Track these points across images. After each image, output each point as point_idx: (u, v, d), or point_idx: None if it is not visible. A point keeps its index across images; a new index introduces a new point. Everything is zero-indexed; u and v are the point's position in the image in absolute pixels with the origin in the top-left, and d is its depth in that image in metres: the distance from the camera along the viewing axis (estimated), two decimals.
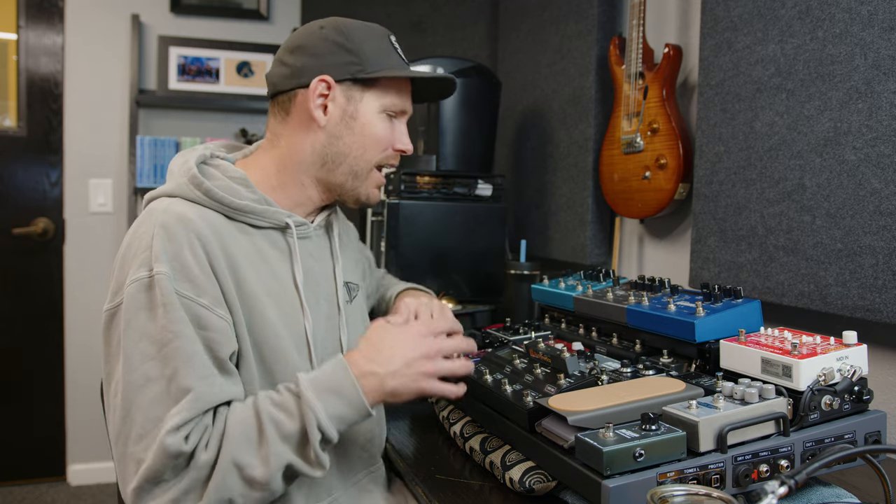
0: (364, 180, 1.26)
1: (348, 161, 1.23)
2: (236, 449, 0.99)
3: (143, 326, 1.02)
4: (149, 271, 1.03)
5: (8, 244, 3.22)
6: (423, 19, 3.13)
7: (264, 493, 1.01)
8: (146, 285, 1.03)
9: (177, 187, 1.15)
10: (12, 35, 3.21)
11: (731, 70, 1.63)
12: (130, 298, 1.03)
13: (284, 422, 1.01)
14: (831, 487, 1.04)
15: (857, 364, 1.04)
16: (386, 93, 1.24)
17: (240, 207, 1.15)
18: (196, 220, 1.09)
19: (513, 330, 1.60)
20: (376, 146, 1.24)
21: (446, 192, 2.16)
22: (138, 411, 0.99)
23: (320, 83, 1.20)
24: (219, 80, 3.41)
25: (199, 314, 1.04)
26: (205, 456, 0.98)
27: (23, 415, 3.27)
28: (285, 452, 1.01)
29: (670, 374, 1.17)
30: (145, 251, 1.05)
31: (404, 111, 1.28)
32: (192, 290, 1.04)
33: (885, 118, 1.28)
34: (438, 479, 1.19)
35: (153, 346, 1.01)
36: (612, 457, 0.87)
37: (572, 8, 2.27)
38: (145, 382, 1.00)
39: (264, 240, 1.19)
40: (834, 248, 1.37)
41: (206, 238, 1.08)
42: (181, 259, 1.05)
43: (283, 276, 1.19)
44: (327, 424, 1.02)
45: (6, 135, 3.20)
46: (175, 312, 1.01)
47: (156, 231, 1.06)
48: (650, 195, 1.86)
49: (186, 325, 1.02)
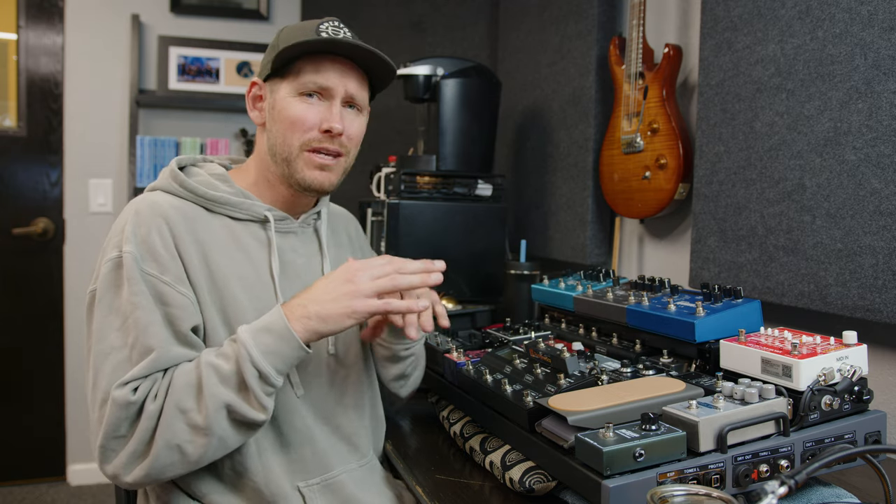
0: (295, 163, 1.25)
1: (278, 150, 1.25)
2: (179, 395, 1.06)
3: (111, 301, 1.11)
4: (118, 251, 1.13)
5: (8, 244, 3.22)
6: (423, 19, 3.13)
7: (210, 439, 1.06)
8: (116, 264, 1.12)
9: (159, 182, 1.25)
10: (12, 35, 3.21)
11: (731, 70, 1.63)
12: (102, 278, 1.13)
13: (221, 365, 1.07)
14: (831, 487, 1.04)
15: (857, 364, 1.04)
16: (299, 75, 1.23)
17: (215, 199, 1.23)
18: (166, 206, 1.18)
19: (513, 330, 1.60)
20: (292, 128, 1.23)
21: (446, 192, 2.16)
22: (102, 378, 1.08)
23: (253, 86, 1.31)
24: (219, 80, 3.41)
25: (161, 290, 1.12)
26: (153, 406, 1.05)
27: (23, 415, 3.27)
28: (223, 393, 1.06)
29: (670, 374, 1.17)
30: (118, 235, 1.15)
31: (325, 87, 1.23)
32: (156, 269, 1.12)
33: (885, 118, 1.28)
34: (438, 479, 1.19)
35: (118, 319, 1.10)
36: (612, 457, 0.87)
37: (572, 8, 2.27)
38: (110, 351, 1.09)
39: (245, 231, 1.25)
40: (834, 248, 1.37)
41: (173, 221, 1.17)
42: (148, 241, 1.13)
43: (259, 265, 1.24)
44: (260, 359, 1.06)
45: (6, 135, 3.20)
46: (137, 286, 1.10)
47: (129, 217, 1.16)
48: (650, 195, 1.86)
49: (146, 298, 1.10)
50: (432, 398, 1.55)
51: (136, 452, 1.05)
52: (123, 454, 1.05)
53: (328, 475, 1.25)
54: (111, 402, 1.04)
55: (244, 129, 3.44)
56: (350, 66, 1.26)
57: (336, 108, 1.24)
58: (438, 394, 1.52)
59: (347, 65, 1.26)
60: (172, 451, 1.05)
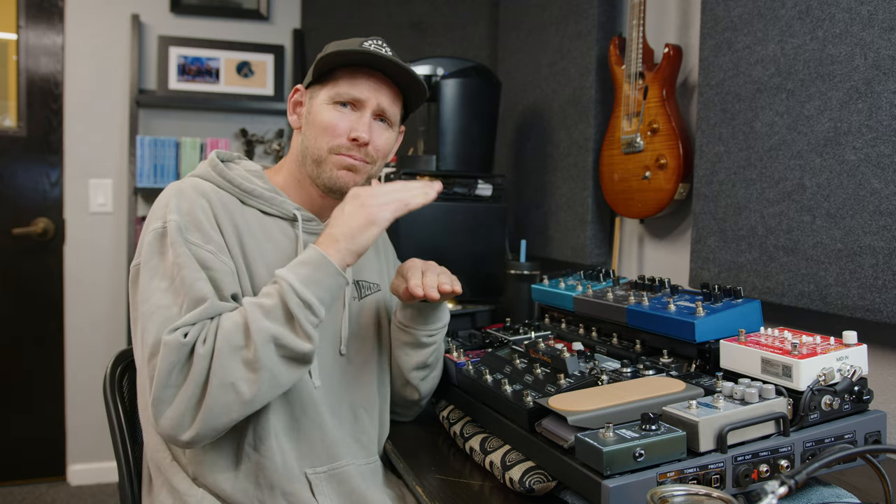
0: (324, 164, 1.31)
1: (310, 151, 1.32)
2: (228, 334, 1.08)
3: (155, 266, 1.15)
4: (163, 222, 1.17)
5: (8, 244, 3.22)
6: (423, 19, 3.13)
7: (262, 374, 1.08)
8: (160, 234, 1.17)
9: (198, 171, 1.31)
10: (12, 35, 3.21)
11: (731, 70, 1.63)
12: (147, 246, 1.17)
13: (265, 302, 1.12)
14: (831, 487, 1.04)
15: (857, 364, 1.04)
16: (336, 84, 1.31)
17: (250, 191, 1.29)
18: (208, 190, 1.24)
19: (513, 330, 1.60)
20: (323, 133, 1.30)
21: (446, 192, 2.16)
22: (150, 335, 1.10)
23: (294, 93, 1.39)
24: (219, 80, 3.41)
25: (204, 257, 1.16)
26: (203, 348, 1.07)
27: (23, 415, 3.27)
28: (269, 327, 1.09)
29: (670, 374, 1.17)
30: (162, 209, 1.20)
31: (358, 99, 1.30)
32: (199, 238, 1.17)
33: (885, 118, 1.28)
34: (438, 479, 1.19)
35: (164, 281, 1.14)
36: (612, 457, 0.87)
37: (572, 8, 2.27)
38: (156, 310, 1.11)
39: (274, 225, 1.30)
40: (834, 248, 1.37)
41: (214, 202, 1.23)
42: (192, 213, 1.19)
43: (287, 259, 1.26)
44: (302, 289, 1.12)
45: (6, 135, 3.20)
46: (181, 249, 1.14)
47: (172, 194, 1.22)
48: (650, 195, 1.86)
49: (191, 260, 1.14)
50: (433, 398, 1.55)
51: (191, 398, 1.06)
52: (178, 402, 1.06)
53: (335, 464, 1.28)
54: (163, 347, 1.06)
55: (244, 129, 3.44)
56: (385, 81, 1.33)
57: (365, 118, 1.31)
58: (438, 394, 1.52)
59: (382, 80, 1.32)
60: (227, 391, 1.06)
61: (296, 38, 3.47)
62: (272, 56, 3.48)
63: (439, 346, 1.44)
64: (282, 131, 3.47)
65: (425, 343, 1.40)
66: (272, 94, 3.47)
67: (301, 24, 3.51)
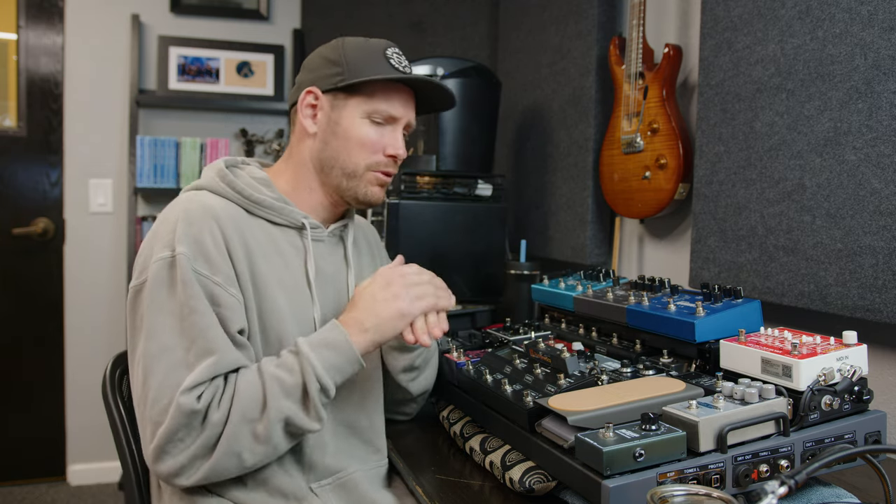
0: (359, 180, 1.32)
1: (339, 164, 1.31)
2: (245, 405, 1.09)
3: (164, 301, 1.13)
4: (171, 251, 1.14)
5: (8, 244, 3.22)
6: (423, 19, 3.13)
7: (267, 448, 1.11)
8: (169, 264, 1.14)
9: (205, 181, 1.28)
10: (12, 35, 3.21)
11: (731, 70, 1.63)
12: (154, 276, 1.14)
13: (285, 378, 1.11)
14: (831, 487, 1.04)
15: (857, 364, 1.04)
16: (370, 99, 1.29)
17: (259, 201, 1.26)
18: (217, 209, 1.21)
19: (513, 330, 1.60)
20: (361, 150, 1.30)
21: (446, 192, 2.16)
22: (154, 377, 1.09)
23: (308, 94, 1.32)
24: (219, 80, 3.41)
25: (213, 291, 1.14)
26: (217, 415, 1.07)
27: (23, 415, 3.27)
28: (286, 406, 1.10)
29: (670, 374, 1.17)
30: (169, 234, 1.16)
31: (394, 117, 1.31)
32: (207, 269, 1.14)
33: (885, 118, 1.28)
34: (438, 478, 1.19)
35: (173, 319, 1.12)
36: (612, 457, 0.87)
37: (572, 8, 2.27)
38: (163, 351, 1.10)
39: (282, 236, 1.29)
40: (834, 248, 1.37)
41: (224, 223, 1.19)
42: (200, 241, 1.15)
43: (296, 271, 1.29)
44: (323, 374, 1.12)
45: (6, 135, 3.20)
46: (192, 288, 1.11)
47: (180, 216, 1.17)
48: (650, 195, 1.86)
49: (202, 302, 1.12)
50: (432, 398, 1.55)
51: (196, 457, 1.07)
52: (182, 457, 1.07)
53: (341, 474, 1.28)
54: (175, 408, 1.05)
55: (244, 129, 3.44)
56: (411, 95, 1.35)
57: (399, 134, 1.33)
58: (438, 394, 1.52)
59: (410, 95, 1.35)
60: (232, 458, 1.09)
61: (296, 38, 3.47)
62: (272, 56, 3.48)
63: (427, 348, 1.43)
64: (282, 131, 3.47)
65: (410, 347, 1.39)
66: (272, 94, 3.47)
67: (301, 24, 3.51)
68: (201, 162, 3.27)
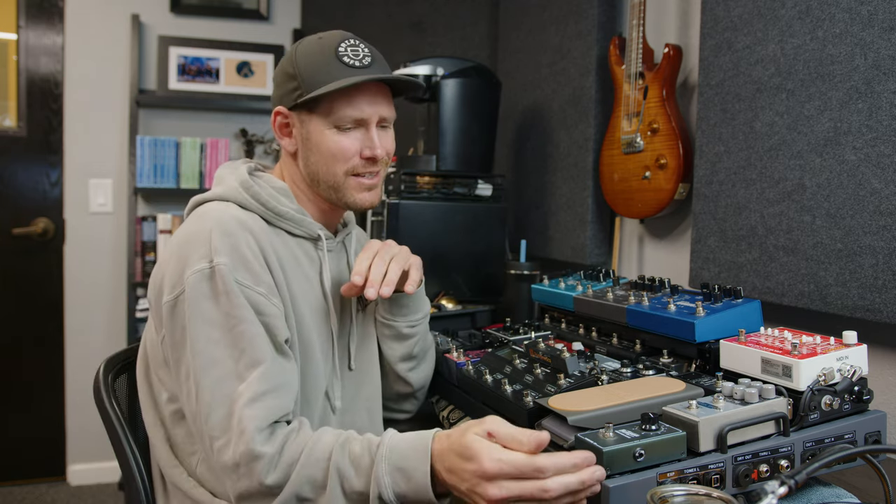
0: (343, 189, 1.29)
1: (321, 178, 1.29)
2: (302, 484, 1.04)
3: (206, 313, 1.11)
4: (209, 262, 1.12)
5: (8, 244, 3.22)
6: (423, 19, 3.13)
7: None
8: (207, 275, 1.11)
9: (228, 191, 1.25)
10: (12, 35, 3.21)
11: (731, 70, 1.63)
12: (192, 288, 1.11)
13: (352, 479, 1.04)
14: (831, 487, 1.04)
15: (857, 364, 1.04)
16: (332, 108, 1.25)
17: (282, 214, 1.26)
18: (249, 221, 1.19)
19: (513, 330, 1.60)
20: (335, 160, 1.27)
21: (446, 192, 2.16)
22: (205, 391, 1.08)
23: (276, 116, 1.32)
24: (219, 80, 3.41)
25: (257, 301, 1.13)
26: (273, 476, 1.03)
27: (23, 415, 3.27)
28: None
29: (670, 374, 1.17)
30: (204, 245, 1.13)
31: (361, 119, 1.26)
32: (250, 279, 1.13)
33: (885, 118, 1.28)
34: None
35: (218, 331, 1.10)
36: (612, 457, 0.87)
37: (572, 8, 2.27)
38: (211, 364, 1.09)
39: (298, 247, 1.29)
40: (834, 248, 1.37)
41: (258, 236, 1.19)
42: (239, 251, 1.14)
43: (313, 280, 1.29)
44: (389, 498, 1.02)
45: (6, 135, 3.20)
46: (237, 299, 1.11)
47: (213, 226, 1.15)
48: (650, 195, 1.86)
49: (248, 310, 1.11)
50: (432, 398, 1.55)
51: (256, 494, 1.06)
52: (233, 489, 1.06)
53: None
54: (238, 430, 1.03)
55: (244, 129, 3.44)
56: (378, 87, 1.28)
57: (373, 134, 1.28)
58: (438, 393, 1.52)
59: (378, 87, 1.28)
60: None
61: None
62: (272, 56, 3.48)
63: (423, 336, 1.45)
64: None
65: (407, 334, 1.40)
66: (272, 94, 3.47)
67: (301, 24, 3.51)
68: (201, 162, 3.27)
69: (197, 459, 1.20)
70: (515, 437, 0.94)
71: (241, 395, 1.06)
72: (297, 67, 1.25)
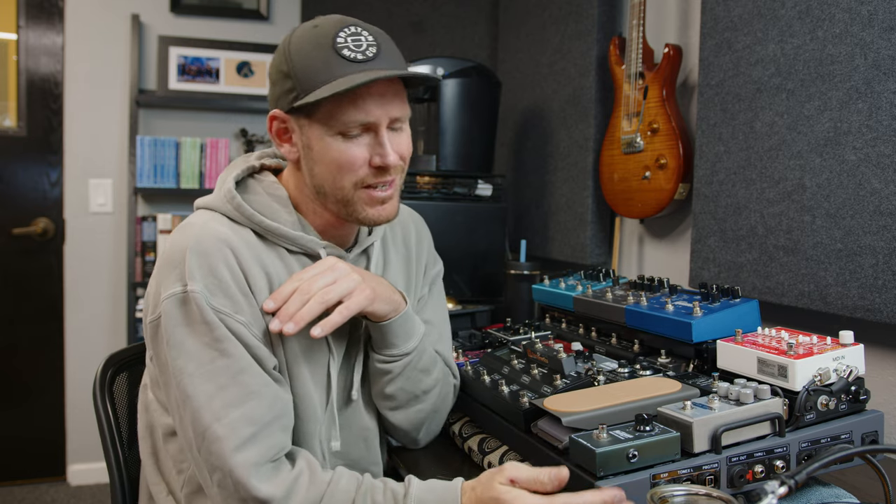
0: (353, 204, 1.13)
1: (328, 191, 1.13)
2: None
3: (183, 344, 1.02)
4: (182, 287, 1.03)
5: (8, 244, 3.22)
6: (423, 19, 3.12)
7: None
8: (180, 300, 1.03)
9: (216, 200, 1.14)
10: (12, 35, 3.21)
11: (731, 70, 1.62)
12: (167, 315, 1.03)
13: None
14: (831, 487, 1.03)
15: (853, 364, 1.03)
16: (332, 113, 1.07)
17: (271, 230, 1.12)
18: (231, 236, 1.07)
19: (513, 330, 1.60)
20: (341, 172, 1.10)
21: (446, 192, 2.15)
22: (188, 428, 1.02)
23: (273, 121, 1.15)
24: (219, 80, 3.41)
25: (238, 330, 1.04)
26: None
27: (23, 415, 3.27)
28: None
29: (667, 374, 1.17)
30: (178, 266, 1.04)
31: (368, 123, 1.08)
32: (229, 307, 1.04)
33: (885, 118, 1.27)
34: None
35: (194, 365, 1.01)
36: (605, 458, 0.87)
37: (572, 8, 2.27)
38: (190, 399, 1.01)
39: (298, 264, 1.16)
40: (834, 248, 1.36)
41: (241, 254, 1.07)
42: (216, 274, 1.04)
43: None
44: None
45: (6, 135, 3.20)
46: (217, 330, 1.02)
47: (190, 244, 1.04)
48: (650, 195, 1.85)
49: (230, 342, 1.02)
50: None
51: None
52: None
53: None
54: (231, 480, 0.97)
55: (244, 129, 3.44)
56: (387, 84, 1.09)
57: (383, 139, 1.09)
58: None
59: (384, 85, 1.09)
60: None
61: None
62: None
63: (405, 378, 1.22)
64: None
65: (380, 370, 1.21)
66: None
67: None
68: (201, 162, 3.27)
69: (184, 479, 1.14)
70: (537, 479, 0.92)
71: (226, 440, 0.98)
72: (292, 64, 1.09)
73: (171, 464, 1.16)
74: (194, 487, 1.12)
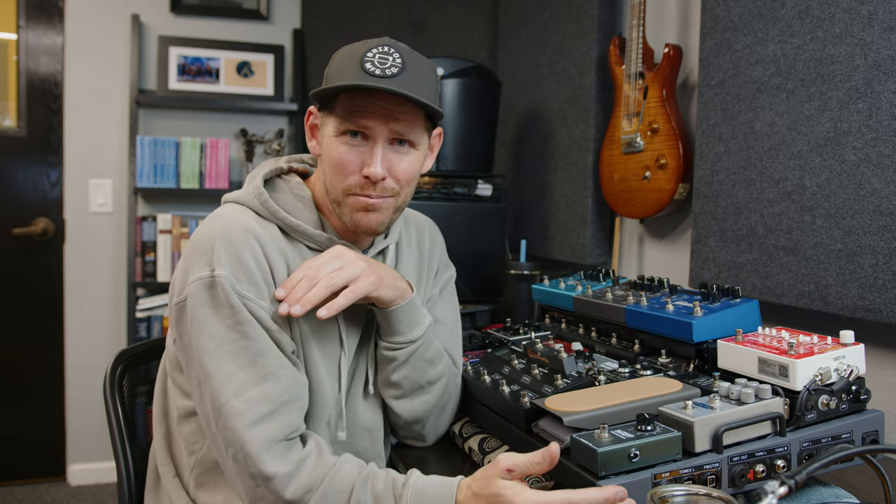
0: (343, 206, 1.17)
1: (328, 189, 1.19)
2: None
3: (207, 324, 1.07)
4: (210, 272, 1.08)
5: (8, 244, 3.22)
6: (424, 20, 3.13)
7: None
8: (207, 284, 1.08)
9: (245, 196, 1.20)
10: (12, 35, 3.21)
11: (731, 70, 1.63)
12: (193, 296, 1.08)
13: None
14: (831, 487, 1.03)
15: (854, 364, 1.03)
16: (342, 115, 1.14)
17: (293, 227, 1.18)
18: (258, 229, 1.14)
19: (513, 330, 1.60)
20: (335, 172, 1.16)
21: (446, 192, 2.15)
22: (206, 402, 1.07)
23: (310, 115, 1.24)
24: (219, 80, 3.41)
25: (260, 315, 1.09)
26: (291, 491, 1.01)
27: (23, 415, 3.27)
28: None
29: (668, 374, 1.17)
30: (208, 252, 1.09)
31: (367, 131, 1.13)
32: (253, 293, 1.09)
33: (885, 118, 1.27)
34: None
35: (216, 344, 1.06)
36: (606, 457, 0.87)
37: (572, 8, 2.27)
38: (210, 377, 1.06)
39: None
40: (834, 248, 1.36)
41: (266, 244, 1.13)
42: (242, 262, 1.09)
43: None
44: None
45: (6, 135, 3.20)
46: (240, 313, 1.07)
47: (219, 234, 1.10)
48: (650, 195, 1.85)
49: (252, 325, 1.07)
50: None
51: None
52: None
53: None
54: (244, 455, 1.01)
55: (244, 129, 3.43)
56: (400, 103, 1.12)
57: (377, 150, 1.13)
58: None
59: (395, 100, 1.12)
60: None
61: (296, 38, 3.47)
62: (272, 56, 3.47)
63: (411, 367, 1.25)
64: (282, 131, 3.46)
65: (386, 357, 1.24)
66: (272, 94, 3.47)
67: (301, 24, 3.51)
68: (201, 162, 3.27)
69: (195, 460, 1.18)
70: (533, 461, 0.93)
71: (242, 415, 1.03)
72: (329, 66, 1.18)
73: (182, 444, 1.20)
74: (205, 468, 1.17)
